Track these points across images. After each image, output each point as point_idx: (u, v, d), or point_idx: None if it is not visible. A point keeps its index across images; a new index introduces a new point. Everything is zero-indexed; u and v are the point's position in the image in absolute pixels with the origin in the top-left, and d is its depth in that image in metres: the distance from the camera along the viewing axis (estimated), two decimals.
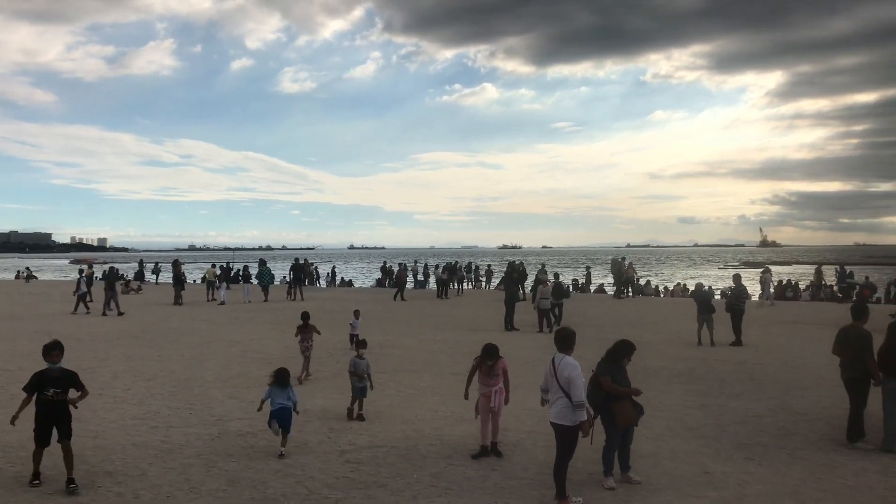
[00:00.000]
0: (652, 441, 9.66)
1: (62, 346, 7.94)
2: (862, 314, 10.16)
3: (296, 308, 29.87)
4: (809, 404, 12.06)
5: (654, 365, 15.51)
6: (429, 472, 8.48)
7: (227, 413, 11.30)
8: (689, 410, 11.75)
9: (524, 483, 8.13)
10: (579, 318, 24.14)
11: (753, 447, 9.62)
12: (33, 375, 7.77)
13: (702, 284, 22.45)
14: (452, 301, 34.45)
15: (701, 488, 7.97)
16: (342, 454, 9.17)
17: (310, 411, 11.36)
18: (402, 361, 16.19)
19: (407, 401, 12.30)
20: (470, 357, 16.58)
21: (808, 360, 16.43)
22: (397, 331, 21.89)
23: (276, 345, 18.67)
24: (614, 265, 37.58)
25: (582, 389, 7.38)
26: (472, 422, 10.73)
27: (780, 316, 27.07)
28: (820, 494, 7.82)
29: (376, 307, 30.14)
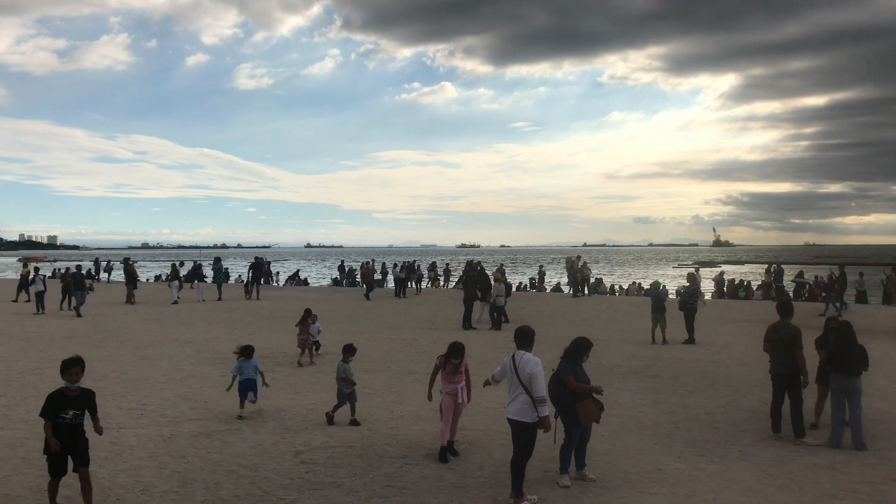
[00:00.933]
0: (606, 438, 9.76)
1: (83, 363, 7.00)
2: (789, 311, 10.46)
3: (252, 307, 29.61)
4: (760, 401, 12.28)
5: (609, 363, 15.68)
6: (384, 472, 8.45)
7: (180, 414, 11.13)
8: (642, 408, 11.89)
9: (480, 482, 8.14)
10: (536, 317, 24.29)
11: (705, 444, 9.77)
12: (49, 397, 6.85)
13: (658, 283, 22.73)
14: (410, 300, 34.42)
15: (654, 485, 8.06)
16: (297, 455, 9.09)
17: (265, 412, 11.26)
18: (358, 361, 16.00)
19: (362, 400, 12.19)
20: (427, 356, 16.65)
21: (758, 357, 16.67)
22: (354, 330, 21.78)
23: (230, 344, 18.41)
24: (569, 264, 37.86)
25: (544, 385, 7.43)
26: (429, 421, 10.75)
27: (732, 314, 27.55)
28: (769, 489, 7.97)
29: (332, 306, 29.97)
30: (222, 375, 14.22)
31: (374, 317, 26.22)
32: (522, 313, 25.48)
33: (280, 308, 28.84)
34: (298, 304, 30.51)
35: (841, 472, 8.61)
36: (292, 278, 53.37)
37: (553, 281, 49.19)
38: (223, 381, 13.63)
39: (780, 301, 11.35)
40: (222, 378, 13.94)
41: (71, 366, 6.89)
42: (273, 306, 29.84)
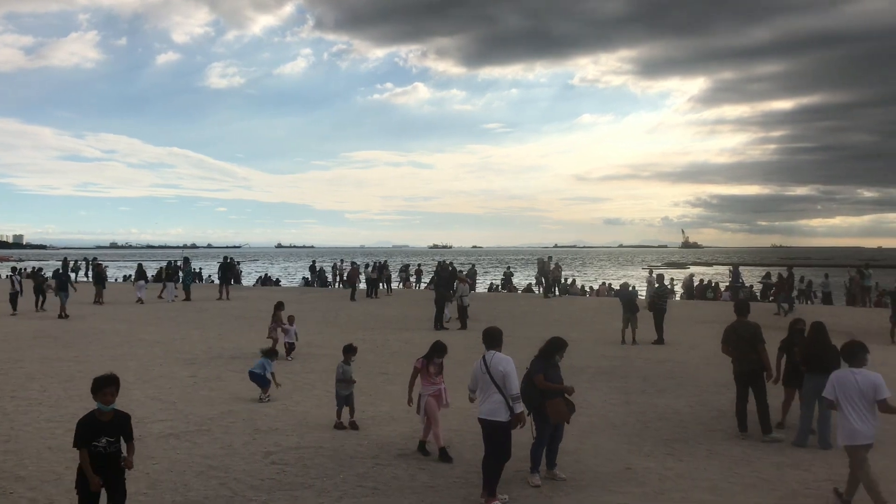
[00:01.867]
0: (576, 438, 9.82)
1: (118, 382, 5.99)
2: (745, 310, 10.64)
3: (222, 307, 29.38)
4: (727, 401, 12.40)
5: (580, 363, 15.76)
6: (356, 473, 8.44)
7: (149, 415, 11.01)
8: (612, 407, 11.99)
9: (451, 482, 8.16)
10: (507, 318, 24.39)
11: (674, 443, 9.88)
12: (80, 423, 5.83)
13: (627, 284, 22.94)
14: (382, 300, 34.35)
15: (623, 484, 8.14)
16: (267, 455, 9.05)
17: (234, 412, 11.19)
18: (329, 362, 16.00)
19: (334, 401, 12.18)
20: (399, 357, 16.65)
21: (726, 357, 16.90)
22: (325, 331, 21.72)
23: (200, 345, 18.33)
24: (540, 265, 38.04)
25: (517, 382, 7.47)
26: (401, 422, 10.75)
27: (700, 315, 27.84)
28: (737, 488, 8.08)
29: (303, 306, 29.83)
30: (192, 376, 14.13)
31: (346, 317, 26.14)
32: (494, 314, 25.56)
33: (250, 308, 28.65)
34: (269, 304, 30.28)
35: (806, 471, 8.75)
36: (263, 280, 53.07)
37: (524, 282, 49.35)
38: (193, 382, 13.56)
39: (737, 301, 11.53)
40: (192, 379, 13.85)
41: (104, 385, 5.88)
42: (243, 306, 29.65)
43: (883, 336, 20.84)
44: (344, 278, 41.30)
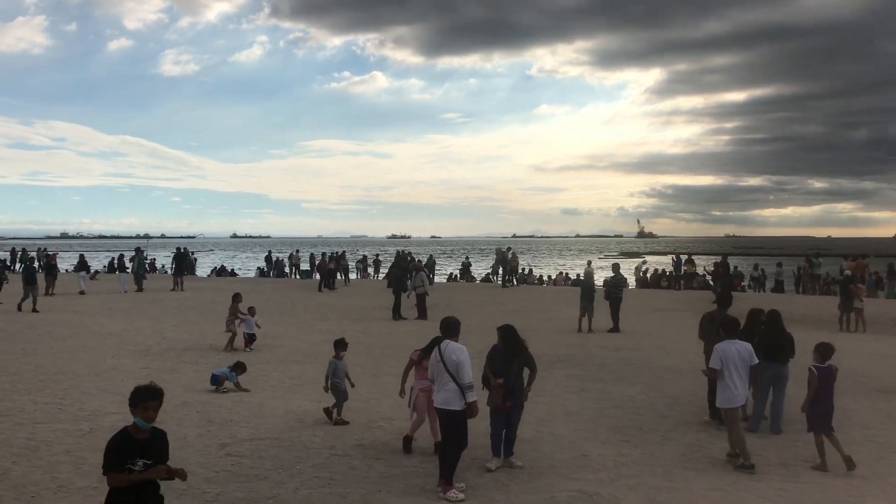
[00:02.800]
0: (533, 426, 9.88)
1: (162, 395, 5.01)
2: (727, 302, 10.74)
3: (176, 298, 28.95)
4: (681, 388, 12.62)
5: (537, 351, 15.66)
6: (312, 464, 8.39)
7: (101, 407, 10.81)
8: (569, 395, 12.09)
9: (408, 471, 8.16)
10: (466, 307, 24.44)
11: (629, 430, 10.00)
12: (112, 443, 4.84)
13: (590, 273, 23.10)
14: (339, 291, 34.17)
15: (579, 471, 8.21)
16: (222, 447, 8.94)
17: (188, 404, 11.04)
18: (286, 352, 15.94)
19: (290, 392, 12.12)
20: (356, 347, 16.54)
21: (680, 345, 17.19)
22: (282, 321, 21.55)
23: (153, 336, 18.03)
24: (499, 255, 38.19)
25: (470, 371, 7.48)
26: (357, 412, 10.70)
27: (655, 304, 28.21)
28: (690, 473, 8.21)
29: (260, 297, 29.54)
30: (145, 368, 13.89)
31: (303, 308, 25.95)
32: (453, 304, 25.60)
33: (205, 299, 28.29)
34: (224, 295, 29.95)
35: (758, 455, 8.88)
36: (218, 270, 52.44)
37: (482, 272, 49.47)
38: (146, 375, 13.30)
39: (721, 292, 11.67)
40: (145, 371, 13.62)
41: (147, 398, 4.91)
42: (198, 297, 29.26)
43: (832, 323, 21.34)
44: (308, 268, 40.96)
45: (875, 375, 13.69)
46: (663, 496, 7.45)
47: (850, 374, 14.01)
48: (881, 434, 9.90)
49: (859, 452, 8.98)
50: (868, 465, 8.55)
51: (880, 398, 12.13)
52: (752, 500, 7.43)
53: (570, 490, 7.58)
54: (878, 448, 9.25)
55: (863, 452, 9.00)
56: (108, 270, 47.11)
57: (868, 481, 8.01)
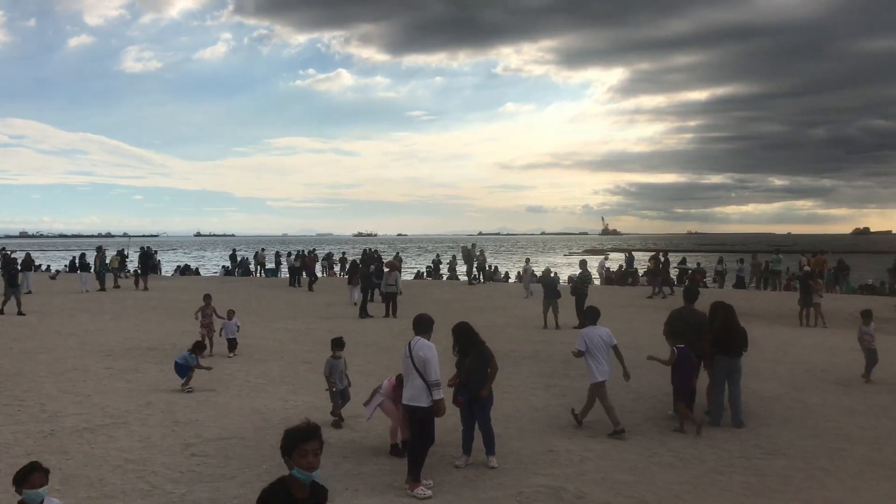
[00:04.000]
0: (500, 422, 9.89)
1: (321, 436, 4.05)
2: (694, 298, 10.87)
3: (139, 297, 28.57)
4: (646, 383, 12.75)
5: (503, 348, 15.90)
6: (278, 462, 8.23)
7: (62, 408, 10.64)
8: (535, 391, 12.16)
9: (376, 469, 8.15)
10: (433, 304, 24.45)
11: (595, 425, 10.07)
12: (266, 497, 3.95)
13: (549, 270, 23.22)
14: (305, 289, 33.96)
15: (545, 466, 8.27)
16: (187, 447, 8.85)
17: (153, 404, 10.92)
18: (251, 351, 15.81)
19: (256, 391, 12.03)
20: (323, 345, 16.45)
21: (642, 340, 17.33)
22: (247, 320, 21.30)
23: (116, 335, 17.78)
24: (465, 252, 38.25)
25: (437, 369, 7.47)
26: (323, 410, 10.65)
27: (620, 300, 28.43)
28: (655, 468, 8.30)
29: (225, 296, 29.28)
30: (108, 368, 13.71)
31: (269, 306, 25.77)
32: (420, 301, 25.57)
33: (169, 299, 27.98)
34: (188, 294, 29.68)
35: (721, 449, 9.05)
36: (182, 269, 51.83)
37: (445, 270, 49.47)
38: (109, 374, 13.16)
39: (687, 288, 11.81)
40: (108, 371, 13.45)
41: (303, 439, 3.95)
42: (162, 297, 28.91)
43: (792, 319, 21.69)
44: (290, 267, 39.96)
45: (834, 369, 13.95)
46: (628, 490, 7.53)
47: (811, 368, 14.30)
48: (841, 426, 10.09)
49: (820, 445, 9.18)
50: (829, 457, 8.72)
51: (840, 391, 12.37)
52: (716, 492, 7.54)
53: (537, 485, 7.63)
54: (838, 440, 9.42)
55: (823, 445, 9.19)
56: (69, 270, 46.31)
57: (829, 473, 8.16)
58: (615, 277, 39.78)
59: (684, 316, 10.61)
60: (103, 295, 29.57)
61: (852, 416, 10.73)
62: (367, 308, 22.73)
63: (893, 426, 10.16)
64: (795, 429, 9.97)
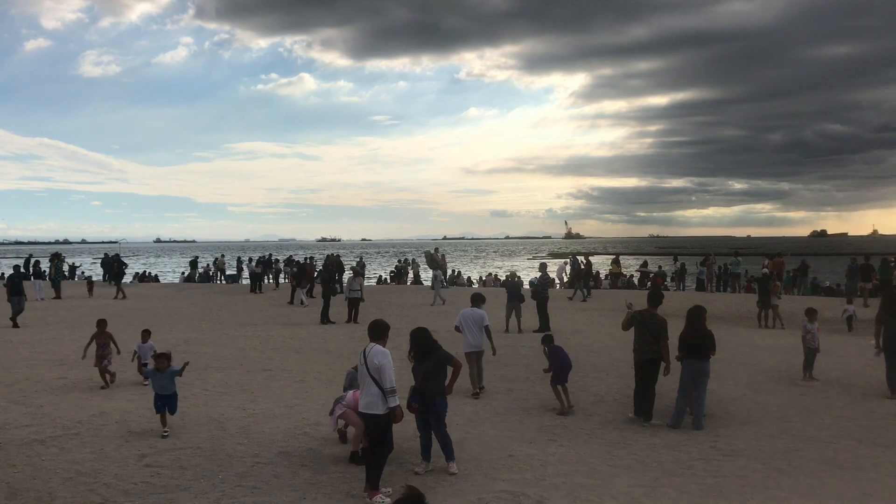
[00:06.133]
0: (460, 427, 9.87)
1: None
2: (658, 301, 10.92)
3: (95, 305, 27.96)
4: (606, 386, 12.81)
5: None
6: (235, 472, 8.19)
7: (11, 420, 10.35)
8: (496, 395, 12.14)
9: (334, 477, 8.04)
10: (396, 310, 24.36)
11: (555, 429, 10.08)
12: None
13: (514, 274, 23.26)
14: (267, 295, 33.62)
15: (506, 471, 8.23)
16: (141, 458, 8.66)
17: (107, 415, 10.68)
18: (209, 359, 15.56)
19: (214, 399, 11.83)
20: (283, 352, 16.32)
21: (605, 343, 17.47)
22: (206, 327, 21.07)
23: (70, 345, 17.37)
24: (428, 257, 38.18)
25: (392, 376, 7.39)
26: (283, 418, 10.53)
27: (581, 304, 28.59)
28: (614, 470, 8.31)
29: (185, 303, 28.91)
30: (61, 378, 13.41)
31: (229, 313, 25.43)
32: (383, 306, 25.45)
33: (126, 306, 27.51)
34: (148, 301, 29.27)
35: (680, 451, 9.09)
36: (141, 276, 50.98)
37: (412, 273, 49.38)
38: (62, 385, 12.87)
39: (651, 291, 11.87)
40: (61, 381, 13.15)
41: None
42: (119, 304, 28.40)
43: (751, 320, 21.98)
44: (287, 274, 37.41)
45: (792, 370, 14.13)
46: (588, 494, 7.52)
47: (769, 369, 14.48)
48: (797, 427, 10.21)
49: (777, 445, 9.28)
50: (785, 457, 8.82)
51: (796, 392, 12.53)
52: (674, 494, 7.56)
53: (497, 491, 7.59)
54: (794, 440, 9.53)
55: (780, 445, 9.29)
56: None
57: (785, 473, 8.24)
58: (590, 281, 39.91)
59: (645, 319, 10.65)
60: (57, 303, 28.96)
61: (808, 416, 10.87)
62: (328, 314, 22.55)
63: (848, 425, 10.31)
64: (753, 430, 10.07)
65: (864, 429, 10.15)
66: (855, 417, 10.78)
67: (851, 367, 14.70)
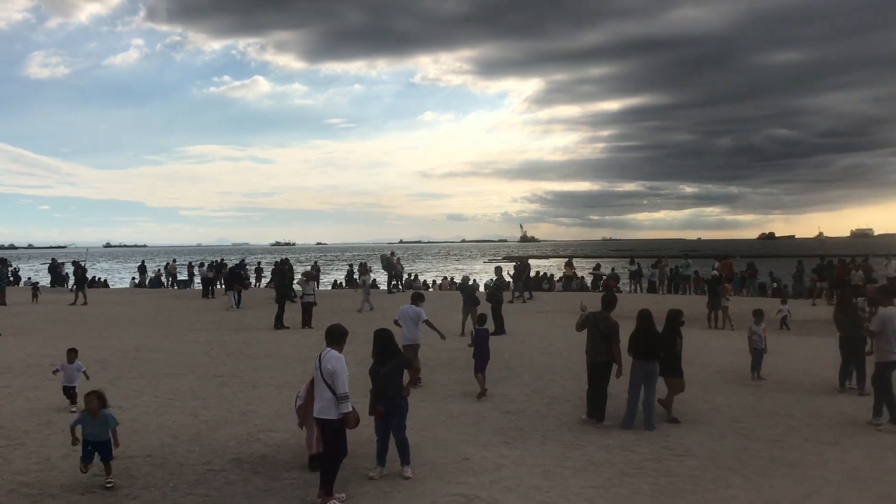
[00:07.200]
0: (415, 431, 9.82)
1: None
2: (611, 304, 11.03)
3: (42, 311, 27.32)
4: (560, 388, 12.90)
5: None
6: (186, 480, 8.06)
7: None
8: (451, 399, 12.14)
9: (287, 484, 7.96)
10: (351, 315, 24.23)
11: (510, 431, 10.12)
12: None
13: (468, 277, 23.32)
14: (219, 300, 33.17)
15: (460, 475, 8.24)
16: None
17: (53, 423, 10.43)
18: (160, 365, 15.29)
19: (164, 407, 11.62)
20: (236, 357, 16.13)
21: (559, 345, 17.60)
22: (156, 333, 20.70)
23: (17, 352, 16.94)
24: (384, 261, 38.06)
25: (346, 381, 7.35)
26: (235, 424, 10.41)
27: (536, 305, 28.77)
28: (568, 472, 8.37)
29: (134, 308, 28.40)
30: (6, 387, 13.07)
31: (179, 319, 25.03)
32: (338, 311, 25.30)
33: (74, 312, 26.91)
34: (98, 307, 28.66)
35: (632, 451, 9.20)
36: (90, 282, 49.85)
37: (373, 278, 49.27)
38: (7, 393, 12.59)
39: (605, 294, 11.97)
40: (6, 389, 12.83)
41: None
42: (67, 310, 27.77)
43: (701, 321, 22.32)
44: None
45: (741, 371, 14.37)
46: (542, 496, 7.57)
47: (719, 370, 14.72)
48: (747, 427, 10.40)
49: (727, 445, 9.44)
50: (735, 456, 8.97)
51: (746, 392, 12.76)
52: (627, 494, 7.65)
53: (451, 494, 7.59)
54: (743, 440, 9.70)
55: (730, 444, 9.46)
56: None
57: (735, 472, 8.39)
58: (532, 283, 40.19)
59: (597, 321, 10.76)
60: (3, 309, 28.21)
61: (757, 415, 11.07)
62: (282, 319, 22.32)
63: (794, 424, 10.54)
64: (704, 429, 10.23)
65: (810, 427, 10.39)
66: (801, 416, 11.01)
67: (798, 366, 15.02)
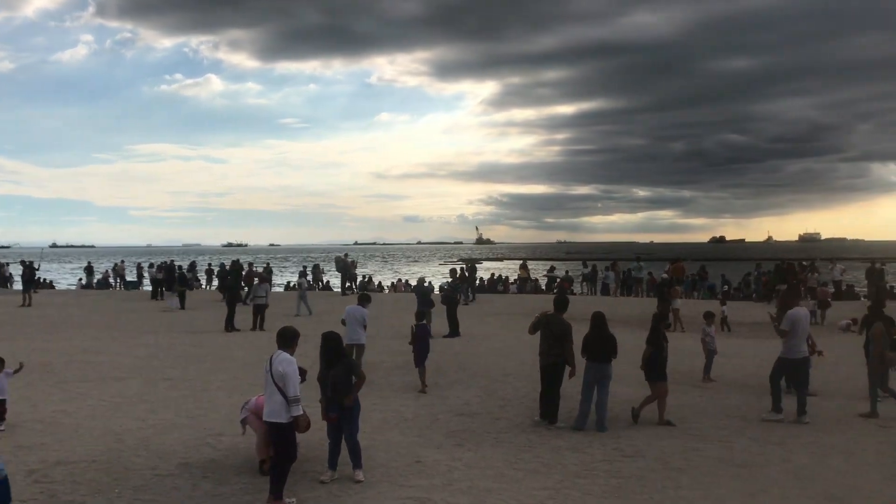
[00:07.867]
0: (368, 434, 9.75)
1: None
2: (564, 306, 11.11)
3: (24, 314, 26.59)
4: (513, 389, 12.93)
5: (375, 358, 15.81)
6: (132, 486, 7.88)
7: None
8: (405, 402, 12.09)
9: (237, 489, 7.84)
10: (303, 317, 24.04)
11: (463, 433, 10.11)
12: None
13: (423, 279, 23.29)
14: (171, 302, 32.60)
15: (412, 477, 8.20)
16: (30, 474, 8.22)
17: None
18: (107, 369, 14.96)
19: (111, 411, 11.37)
20: (185, 360, 15.86)
21: (513, 347, 17.66)
22: (104, 335, 20.27)
23: None
24: (339, 263, 37.84)
25: (297, 384, 7.28)
26: (183, 428, 10.22)
27: (492, 308, 28.84)
28: (520, 474, 8.39)
29: (81, 310, 27.80)
30: None
31: (128, 321, 24.56)
32: (289, 313, 25.06)
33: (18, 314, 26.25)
34: (43, 308, 27.98)
35: (584, 453, 9.26)
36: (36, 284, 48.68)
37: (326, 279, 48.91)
38: None
39: (557, 296, 12.04)
40: None
41: None
42: (9, 312, 27.06)
43: None
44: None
45: (691, 371, 14.58)
46: (493, 498, 7.57)
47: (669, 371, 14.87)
48: (695, 427, 10.55)
49: (676, 445, 9.55)
50: (684, 456, 9.09)
51: (696, 393, 12.95)
52: (578, 496, 7.69)
53: (403, 498, 7.55)
54: (692, 440, 9.84)
55: (679, 445, 9.58)
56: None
57: (683, 472, 8.49)
58: (486, 285, 40.38)
59: (549, 322, 10.82)
60: None
61: (705, 416, 11.24)
62: (233, 321, 22.03)
63: (742, 424, 10.72)
64: (654, 430, 10.35)
65: (757, 427, 10.58)
66: (749, 417, 11.21)
67: (747, 368, 15.28)
